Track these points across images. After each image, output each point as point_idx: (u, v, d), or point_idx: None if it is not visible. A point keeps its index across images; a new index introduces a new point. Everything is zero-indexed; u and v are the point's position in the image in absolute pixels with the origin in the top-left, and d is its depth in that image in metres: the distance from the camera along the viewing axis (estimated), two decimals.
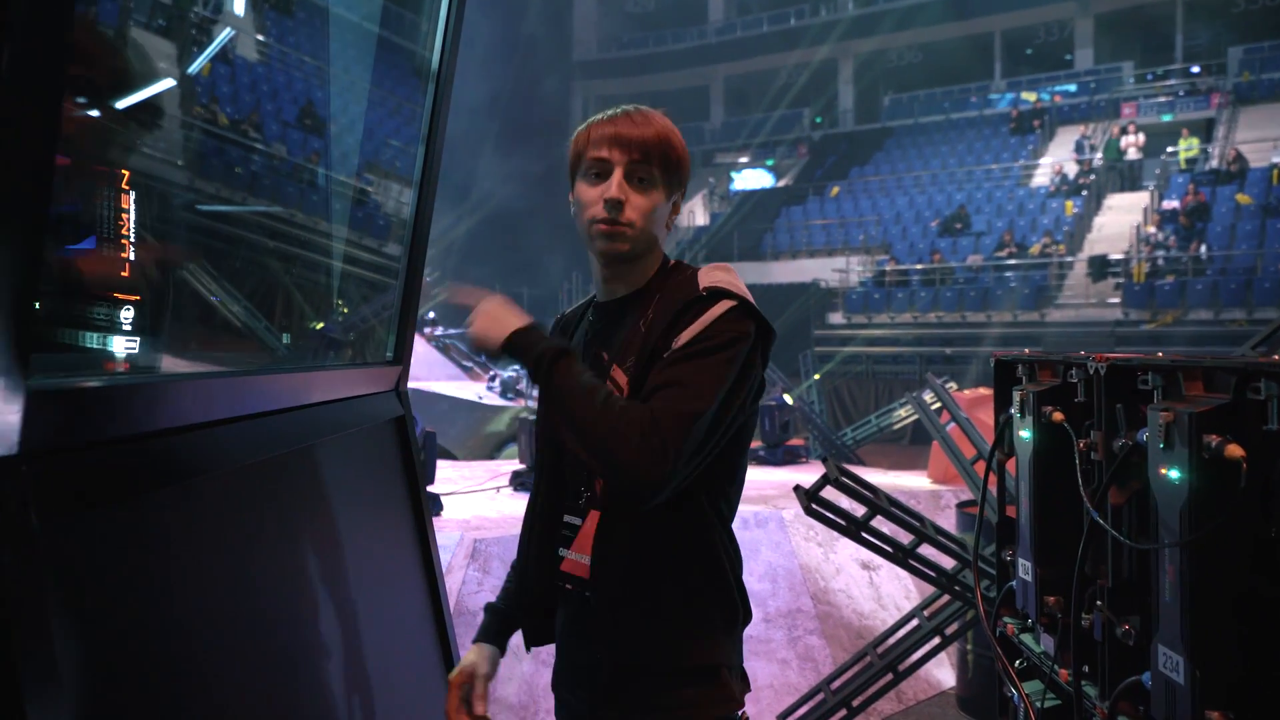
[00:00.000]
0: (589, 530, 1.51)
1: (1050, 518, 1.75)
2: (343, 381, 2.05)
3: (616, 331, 1.55)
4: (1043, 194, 20.34)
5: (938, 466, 6.52)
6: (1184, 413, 1.23)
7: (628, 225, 1.49)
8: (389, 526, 2.16)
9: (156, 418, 1.31)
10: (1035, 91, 24.43)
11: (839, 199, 23.34)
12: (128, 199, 1.66)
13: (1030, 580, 1.80)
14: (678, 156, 1.55)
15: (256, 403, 1.74)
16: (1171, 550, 1.26)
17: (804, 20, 27.46)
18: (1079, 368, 1.65)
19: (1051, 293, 17.25)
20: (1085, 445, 1.58)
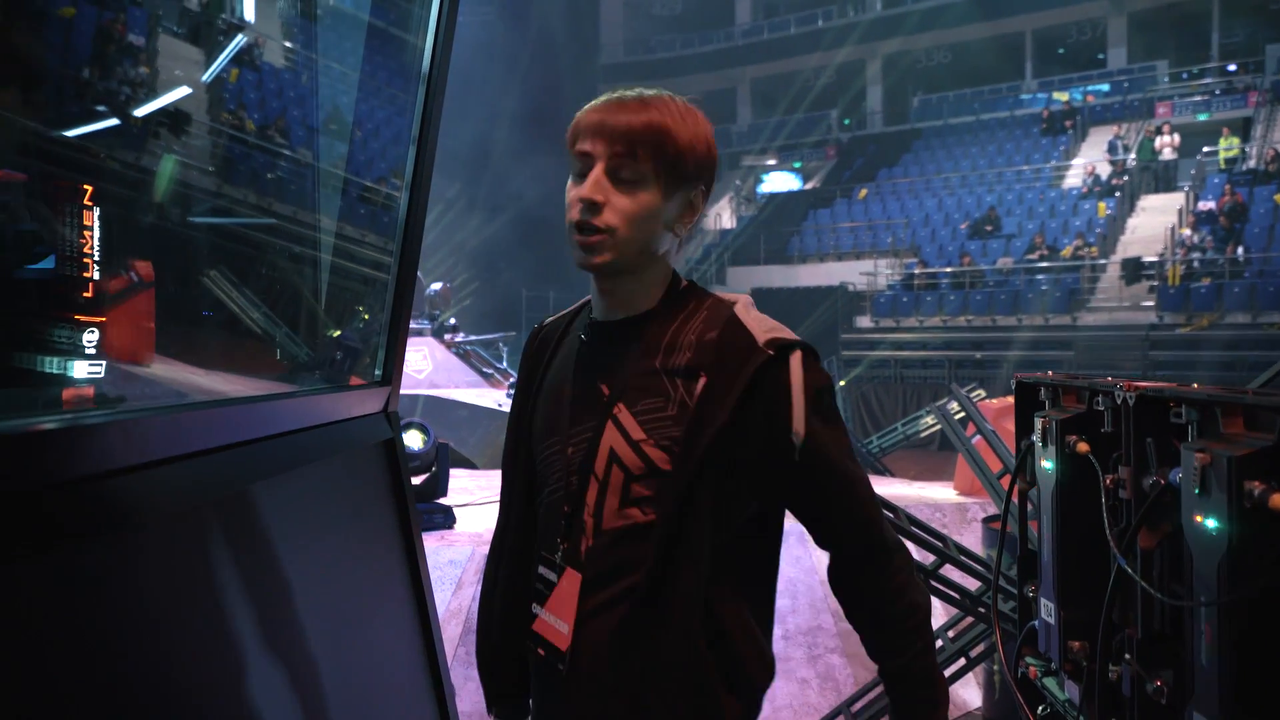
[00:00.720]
0: (568, 593, 1.29)
1: (1074, 557, 1.62)
2: (327, 406, 1.95)
3: (619, 362, 1.31)
4: (1075, 195, 20.01)
5: (964, 478, 6.35)
6: (1222, 455, 1.10)
7: (606, 232, 1.25)
8: (375, 559, 2.06)
9: (117, 456, 1.24)
10: (1067, 91, 24.05)
11: (867, 201, 23.10)
12: (91, 215, 1.58)
13: (1053, 623, 1.66)
14: (678, 147, 1.28)
15: (227, 434, 1.64)
16: (1208, 608, 1.13)
17: (831, 21, 27.23)
18: (1106, 395, 1.51)
19: (1084, 296, 16.94)
20: (1112, 481, 1.45)
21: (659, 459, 1.24)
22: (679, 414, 1.24)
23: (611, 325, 1.35)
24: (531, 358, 1.47)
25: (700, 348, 1.27)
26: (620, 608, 1.26)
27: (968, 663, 3.88)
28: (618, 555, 1.27)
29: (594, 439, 1.29)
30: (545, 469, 1.37)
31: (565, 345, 1.42)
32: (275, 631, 1.67)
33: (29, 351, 1.56)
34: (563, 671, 1.28)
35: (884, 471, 10.42)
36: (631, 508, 1.26)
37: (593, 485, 1.28)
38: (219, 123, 10.12)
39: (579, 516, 1.30)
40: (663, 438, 1.24)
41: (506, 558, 1.44)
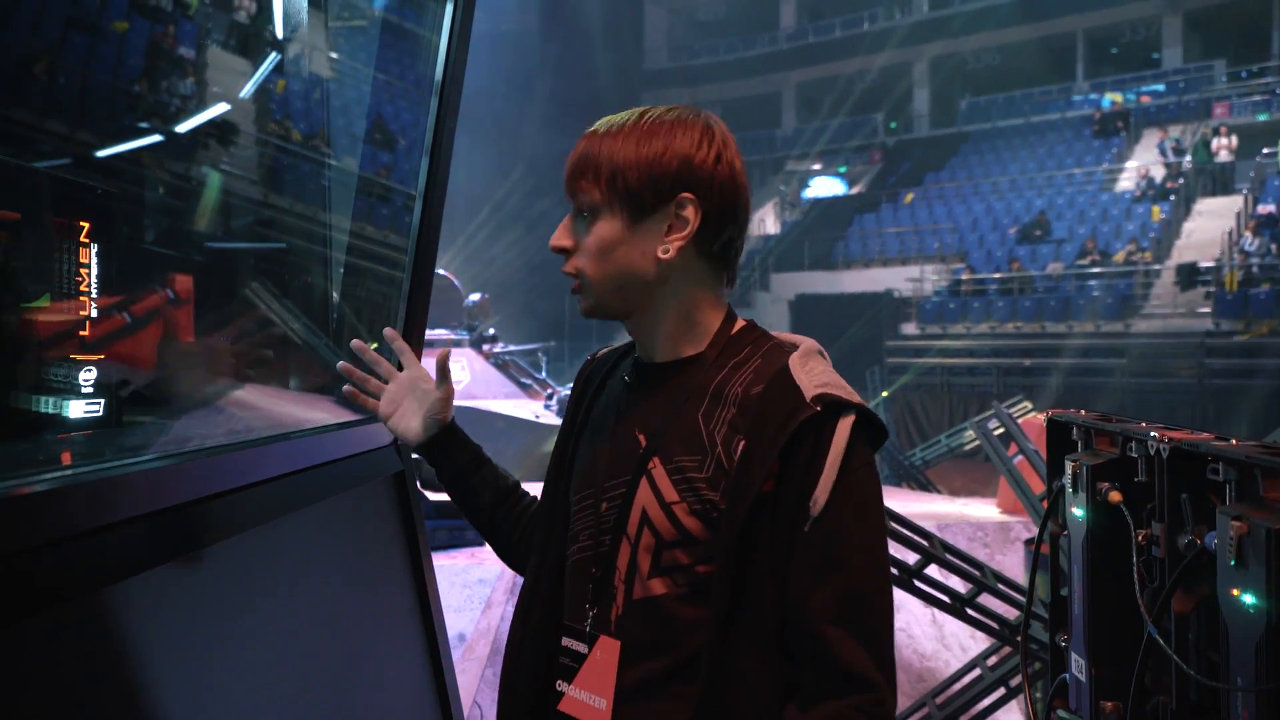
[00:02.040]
0: (605, 664, 1.15)
1: (1106, 611, 1.52)
2: (332, 443, 1.91)
3: (661, 410, 1.18)
4: (1128, 199, 19.56)
5: (1007, 496, 6.19)
6: (1261, 525, 1.01)
7: (577, 276, 1.19)
8: (383, 599, 2.02)
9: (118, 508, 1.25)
10: (1120, 93, 23.55)
11: (913, 206, 22.80)
12: (88, 253, 1.55)
13: (1084, 680, 1.56)
14: (621, 167, 1.14)
15: (228, 479, 1.61)
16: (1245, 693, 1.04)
17: (877, 24, 26.93)
18: (1140, 442, 1.42)
19: (1137, 302, 16.53)
20: (1145, 538, 1.35)
21: (693, 526, 1.12)
22: (715, 475, 1.11)
23: (656, 368, 1.22)
24: (578, 392, 1.34)
25: (744, 403, 1.13)
26: (671, 692, 1.12)
27: (1008, 692, 3.76)
28: (651, 629, 1.14)
29: (628, 495, 1.16)
30: (577, 522, 1.23)
31: (611, 384, 1.30)
32: (278, 678, 1.63)
33: (24, 392, 1.53)
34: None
35: (927, 486, 10.23)
36: (663, 577, 1.13)
37: (624, 548, 1.16)
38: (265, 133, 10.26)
39: (609, 581, 1.17)
40: (696, 501, 1.11)
41: (536, 622, 1.25)
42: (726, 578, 1.08)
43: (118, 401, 1.64)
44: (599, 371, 1.32)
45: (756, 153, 28.95)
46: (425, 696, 2.11)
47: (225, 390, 2.35)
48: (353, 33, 11.28)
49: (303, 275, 8.47)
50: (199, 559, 1.44)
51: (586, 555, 1.20)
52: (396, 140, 15.71)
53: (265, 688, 1.57)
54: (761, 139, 29.14)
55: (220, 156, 8.13)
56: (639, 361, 1.25)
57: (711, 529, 1.10)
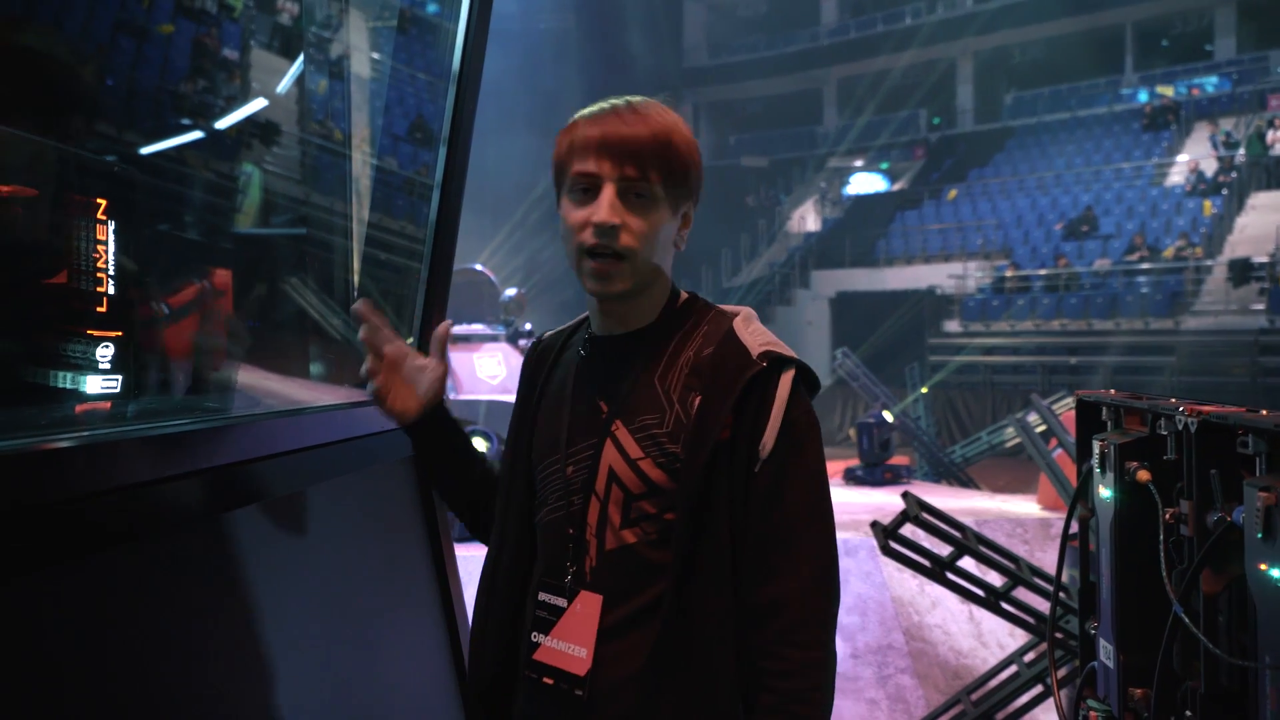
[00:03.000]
0: (586, 615, 1.23)
1: (1135, 595, 1.46)
2: (359, 419, 1.91)
3: (620, 378, 1.28)
4: (1178, 193, 19.15)
5: (1048, 492, 6.07)
6: None
7: (626, 256, 1.22)
8: (399, 579, 2.01)
9: (138, 470, 1.30)
10: (1171, 85, 23.06)
11: (956, 202, 22.52)
12: (105, 230, 1.56)
13: (1112, 667, 1.51)
14: (684, 161, 1.25)
15: (253, 448, 1.63)
16: (1275, 671, 0.99)
17: (920, 19, 26.61)
18: (1168, 418, 1.36)
19: (1187, 299, 16.19)
20: (1173, 516, 1.30)
21: (658, 478, 1.22)
22: (675, 430, 1.22)
23: (611, 341, 1.32)
24: (530, 372, 1.42)
25: (697, 365, 1.25)
26: (637, 630, 1.22)
27: (1045, 689, 3.67)
28: (625, 576, 1.24)
29: (594, 457, 1.26)
30: (545, 488, 1.32)
31: (564, 361, 1.38)
32: (292, 648, 1.63)
33: (43, 366, 1.54)
34: (582, 697, 1.22)
35: (968, 483, 10.08)
36: (634, 527, 1.23)
37: (594, 505, 1.25)
38: (308, 132, 10.41)
39: (582, 537, 1.26)
40: (660, 455, 1.22)
41: (502, 583, 1.34)
42: (688, 519, 1.19)
43: (135, 378, 1.64)
44: (549, 352, 1.41)
45: (797, 149, 28.77)
46: (443, 672, 2.10)
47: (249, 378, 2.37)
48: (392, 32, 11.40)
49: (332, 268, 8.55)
50: (229, 520, 1.50)
51: (558, 516, 1.28)
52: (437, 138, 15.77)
53: (290, 645, 1.58)
54: (802, 135, 28.95)
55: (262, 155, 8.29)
56: (594, 336, 1.34)
57: (674, 478, 1.21)
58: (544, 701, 1.26)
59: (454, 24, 2.36)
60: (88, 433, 1.56)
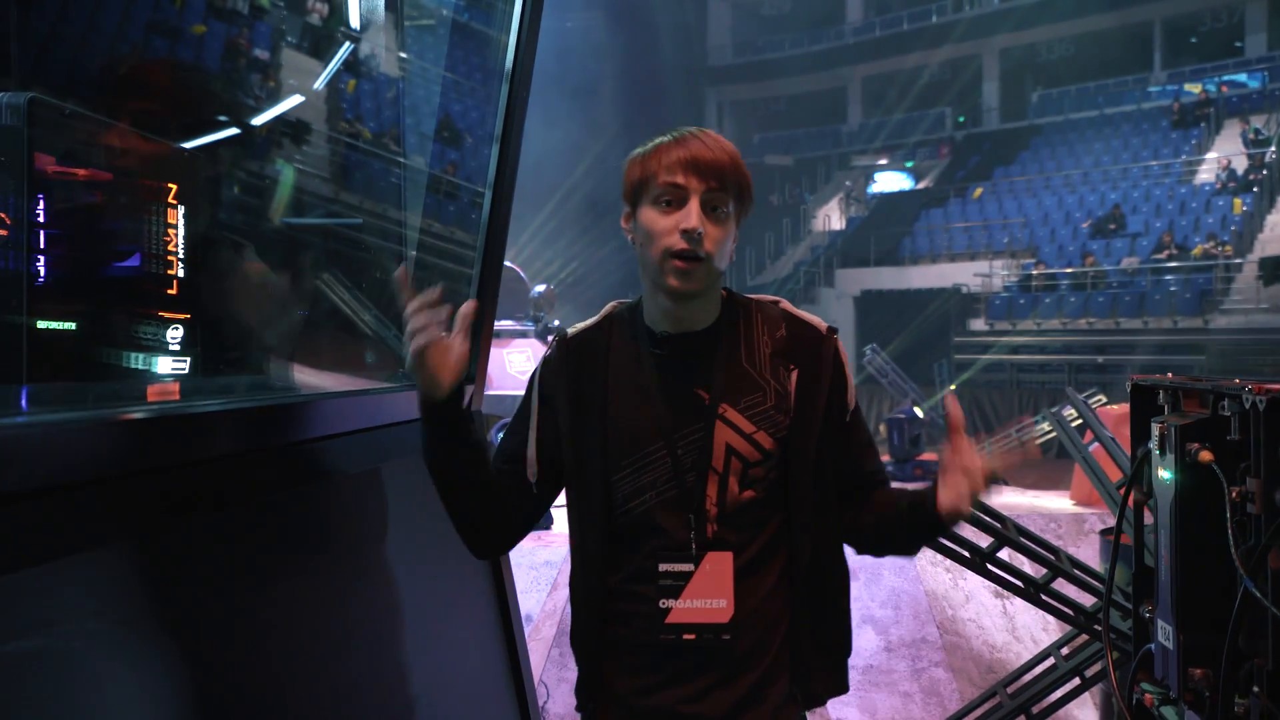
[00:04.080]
0: (719, 572, 1.43)
1: (1196, 576, 1.47)
2: (408, 405, 1.95)
3: (711, 368, 1.46)
4: (1208, 191, 18.98)
5: (1081, 487, 6.04)
6: None
7: (705, 259, 1.40)
8: (457, 559, 2.04)
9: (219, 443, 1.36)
10: (1200, 82, 22.84)
11: (981, 200, 22.39)
12: (175, 214, 1.60)
13: (1171, 648, 1.52)
14: (749, 184, 1.47)
15: (323, 426, 1.68)
16: None
17: (946, 16, 26.47)
18: (1233, 399, 1.37)
19: (1216, 297, 16.05)
20: (1239, 494, 1.31)
21: (769, 445, 1.45)
22: (778, 402, 1.46)
23: (686, 338, 1.48)
24: (571, 371, 1.50)
25: (776, 344, 1.49)
26: (760, 570, 1.46)
27: (1082, 683, 3.66)
28: (745, 531, 1.45)
29: (705, 438, 1.43)
30: (640, 476, 1.45)
31: (622, 359, 1.50)
32: (353, 626, 1.67)
33: (116, 347, 1.58)
34: (729, 640, 1.42)
35: (997, 480, 10.03)
36: (748, 490, 1.45)
37: (712, 478, 1.43)
38: (336, 131, 10.52)
39: (702, 508, 1.43)
40: (771, 425, 1.45)
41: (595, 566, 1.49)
42: (810, 471, 1.46)
43: (203, 359, 1.69)
44: (591, 352, 1.52)
45: (822, 148, 28.69)
46: (497, 665, 2.13)
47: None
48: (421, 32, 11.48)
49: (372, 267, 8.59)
50: (294, 499, 1.56)
51: (671, 495, 1.44)
52: (463, 137, 15.87)
53: (342, 629, 1.62)
54: (827, 134, 28.87)
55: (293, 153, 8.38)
56: (667, 335, 1.48)
57: (783, 443, 1.45)
58: (686, 655, 1.43)
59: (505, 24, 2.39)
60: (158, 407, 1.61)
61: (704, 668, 1.43)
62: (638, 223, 1.45)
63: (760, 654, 1.45)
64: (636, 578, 1.46)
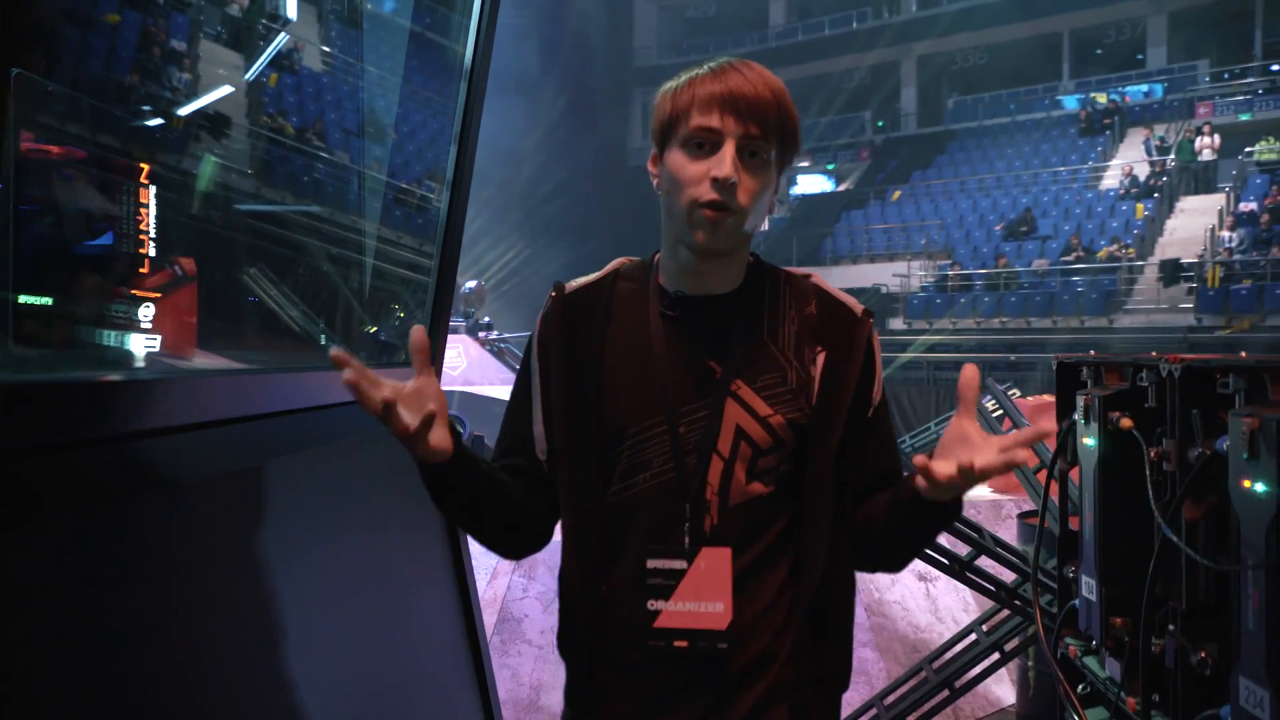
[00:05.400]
0: (716, 571, 1.23)
1: (1117, 532, 1.62)
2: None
3: (727, 339, 1.28)
4: (1112, 196, 19.79)
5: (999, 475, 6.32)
6: (1272, 419, 1.11)
7: (738, 213, 1.22)
8: (417, 533, 2.09)
9: (176, 413, 1.31)
10: (1105, 92, 23.79)
11: (900, 203, 22.98)
12: (147, 193, 1.62)
13: (1094, 600, 1.66)
14: (794, 127, 1.27)
15: (279, 400, 1.70)
16: (1256, 572, 1.13)
17: (866, 23, 27.08)
18: (1150, 370, 1.51)
19: (1121, 298, 16.75)
20: (1157, 454, 1.45)
21: (784, 433, 1.25)
22: (801, 386, 1.26)
23: (703, 302, 1.30)
24: (568, 329, 1.32)
25: (804, 321, 1.30)
26: (764, 572, 1.26)
27: (1002, 657, 3.85)
28: (750, 526, 1.26)
29: (713, 416, 1.25)
30: (636, 453, 1.27)
31: (625, 320, 1.32)
32: (321, 588, 1.70)
33: (89, 325, 1.60)
34: (725, 650, 1.23)
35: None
36: (757, 482, 1.26)
37: (715, 463, 1.25)
38: (258, 125, 10.30)
39: (701, 496, 1.25)
40: (789, 411, 1.25)
41: (589, 559, 1.29)
42: (830, 468, 1.26)
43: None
44: (591, 309, 1.33)
45: None
46: (457, 637, 2.18)
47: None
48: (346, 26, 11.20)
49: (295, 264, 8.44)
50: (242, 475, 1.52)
51: (666, 478, 1.25)
52: (388, 134, 15.50)
53: (295, 607, 1.64)
54: None
55: (211, 146, 8.20)
56: (681, 296, 1.29)
57: (799, 432, 1.26)
58: (677, 664, 1.24)
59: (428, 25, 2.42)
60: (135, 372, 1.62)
61: (695, 686, 1.24)
62: (664, 166, 1.26)
63: (758, 675, 1.25)
64: (622, 575, 1.27)
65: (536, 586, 4.31)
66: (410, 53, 14.39)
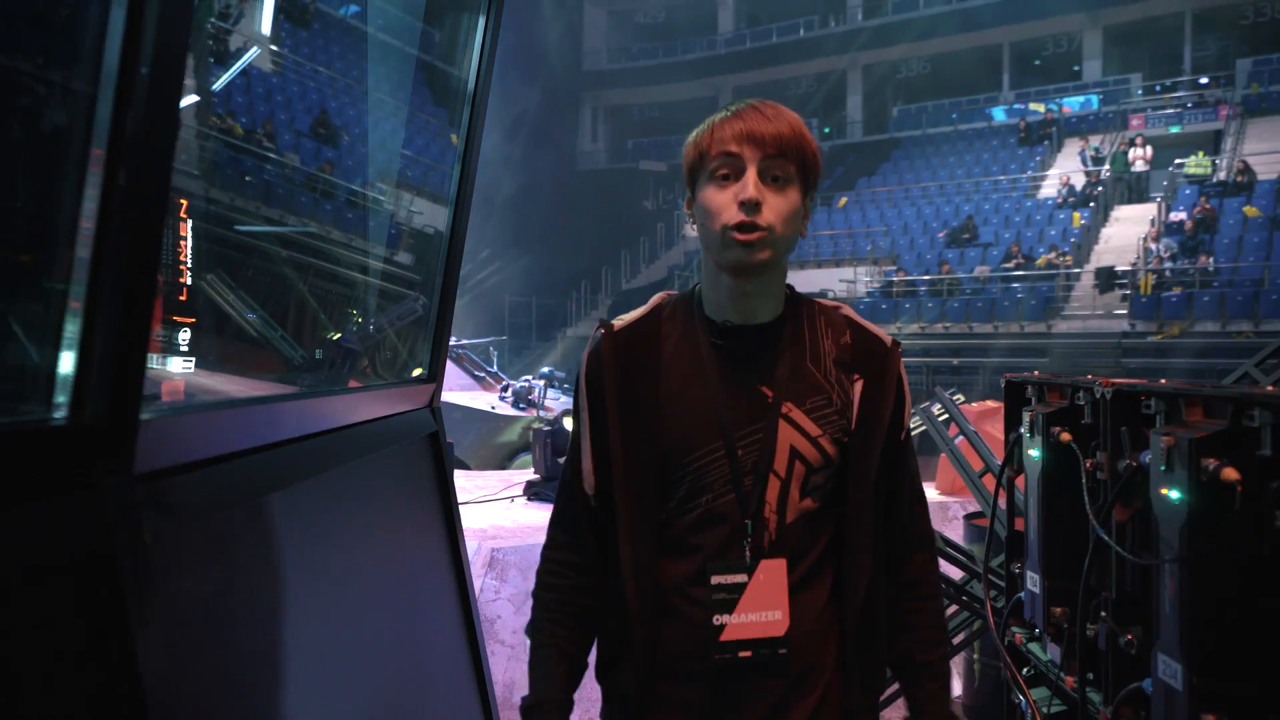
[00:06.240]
0: (774, 582, 1.33)
1: (1057, 533, 1.84)
2: (384, 400, 2.15)
3: (771, 363, 1.37)
4: (1050, 205, 20.40)
5: (945, 478, 6.59)
6: (1184, 438, 1.32)
7: (766, 229, 1.30)
8: (426, 538, 2.25)
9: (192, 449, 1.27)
10: (1044, 103, 24.50)
11: (846, 210, 23.42)
12: (185, 227, 1.76)
13: (1038, 592, 1.89)
14: (813, 152, 1.37)
15: (312, 424, 1.82)
16: (1171, 565, 1.35)
17: (813, 32, 27.57)
18: (1086, 391, 1.74)
19: (1058, 304, 17.28)
20: (1092, 465, 1.67)
21: (832, 452, 1.36)
22: (843, 409, 1.37)
23: (749, 330, 1.39)
24: (621, 363, 1.39)
25: (841, 350, 1.40)
26: (814, 580, 1.37)
27: (950, 649, 4.10)
28: (804, 540, 1.36)
29: (768, 439, 1.34)
30: (697, 477, 1.35)
31: (677, 351, 1.40)
32: (342, 607, 1.84)
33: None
34: (786, 655, 1.32)
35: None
36: (808, 499, 1.36)
37: (773, 483, 1.34)
38: (207, 126, 10.26)
39: (760, 514, 1.34)
40: (835, 430, 1.36)
41: (648, 581, 1.37)
42: (870, 487, 1.37)
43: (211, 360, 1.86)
44: (644, 344, 1.41)
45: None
46: (458, 632, 2.34)
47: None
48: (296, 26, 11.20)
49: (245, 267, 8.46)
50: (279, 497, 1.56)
51: (727, 499, 1.34)
52: (340, 135, 15.43)
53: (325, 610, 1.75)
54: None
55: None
56: (728, 326, 1.38)
57: (843, 451, 1.37)
58: (743, 675, 1.33)
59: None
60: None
61: (758, 693, 1.33)
62: (697, 203, 1.36)
63: (815, 679, 1.36)
64: (685, 594, 1.35)
65: (508, 589, 4.46)
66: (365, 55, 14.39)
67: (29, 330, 0.98)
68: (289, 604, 1.56)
